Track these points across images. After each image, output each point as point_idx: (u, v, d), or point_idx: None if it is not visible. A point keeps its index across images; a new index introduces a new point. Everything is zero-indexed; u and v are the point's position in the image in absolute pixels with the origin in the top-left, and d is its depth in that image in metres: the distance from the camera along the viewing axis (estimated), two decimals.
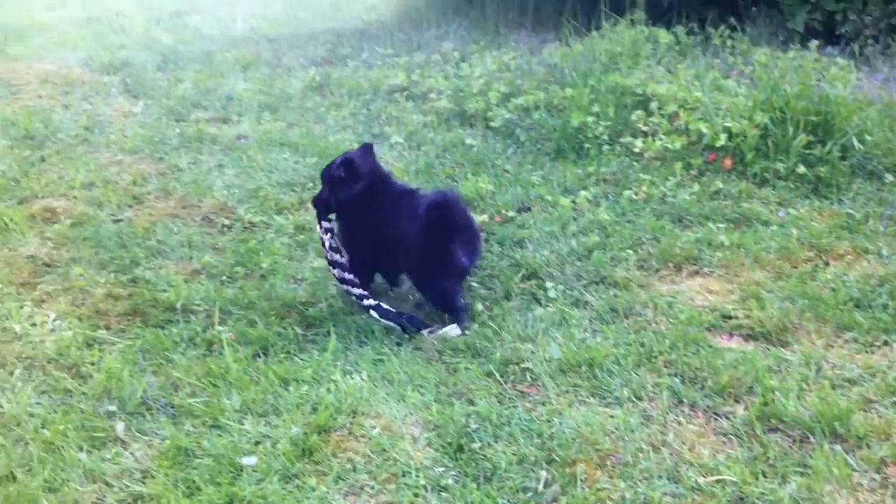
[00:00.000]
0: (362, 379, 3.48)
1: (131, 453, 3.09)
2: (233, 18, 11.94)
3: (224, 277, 4.43)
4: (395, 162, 5.89)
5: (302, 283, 4.37)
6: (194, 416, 3.28)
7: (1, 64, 8.92)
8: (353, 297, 4.09)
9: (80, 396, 3.41)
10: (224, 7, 13.08)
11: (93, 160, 5.99)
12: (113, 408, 3.33)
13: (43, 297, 4.21)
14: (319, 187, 4.30)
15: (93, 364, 3.63)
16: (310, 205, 4.62)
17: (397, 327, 3.92)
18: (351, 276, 4.12)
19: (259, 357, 3.71)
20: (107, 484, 2.93)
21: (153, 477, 2.95)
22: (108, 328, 3.95)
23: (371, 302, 4.03)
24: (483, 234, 4.52)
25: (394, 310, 4.02)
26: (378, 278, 4.32)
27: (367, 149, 4.29)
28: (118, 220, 5.06)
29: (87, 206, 5.20)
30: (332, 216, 4.27)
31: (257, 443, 3.12)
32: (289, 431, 3.15)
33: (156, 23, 11.73)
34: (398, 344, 3.79)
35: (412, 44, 9.31)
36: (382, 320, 3.96)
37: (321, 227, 4.27)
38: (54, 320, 4.00)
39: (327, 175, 4.20)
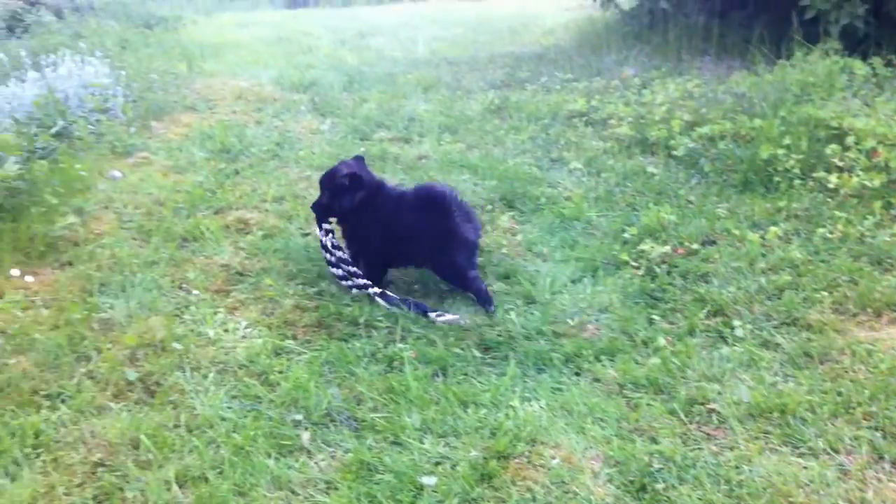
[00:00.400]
0: (541, 407, 3.46)
1: (316, 463, 3.17)
2: (414, 41, 12.23)
3: (404, 295, 4.49)
4: (573, 188, 5.86)
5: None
6: (376, 431, 3.34)
7: (199, 79, 9.45)
8: (360, 288, 4.47)
9: (268, 403, 3.53)
10: (405, 30, 13.43)
11: (283, 175, 6.25)
12: (299, 417, 3.43)
13: (235, 305, 4.40)
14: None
15: (280, 372, 3.75)
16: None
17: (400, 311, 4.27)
18: (355, 269, 4.54)
19: (438, 377, 3.74)
20: (293, 492, 3.02)
21: (337, 489, 3.02)
22: (295, 338, 4.08)
23: (376, 290, 4.42)
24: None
25: (397, 296, 4.39)
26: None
27: (360, 159, 4.85)
28: (306, 234, 5.23)
29: (277, 218, 5.42)
30: (332, 220, 4.75)
31: (437, 463, 3.14)
32: (468, 454, 3.16)
33: (341, 44, 12.16)
34: (577, 374, 3.74)
35: (591, 69, 9.24)
36: (388, 306, 4.32)
37: (321, 230, 4.69)
38: (245, 328, 4.16)
39: (329, 183, 4.67)
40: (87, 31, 11.64)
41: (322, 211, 4.71)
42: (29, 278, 4.54)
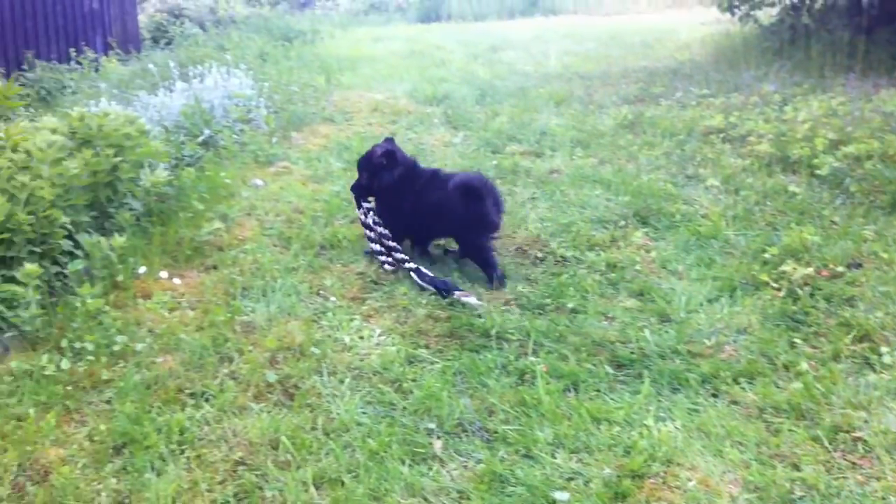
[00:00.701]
0: (676, 427, 3.39)
1: (448, 472, 3.19)
2: (546, 55, 12.23)
3: (535, 309, 4.49)
4: (710, 205, 5.73)
5: (613, 321, 4.33)
6: (508, 444, 3.34)
7: (337, 92, 9.71)
8: (396, 263, 4.91)
9: (401, 410, 3.57)
10: (537, 44, 13.45)
11: None
12: (432, 425, 3.46)
13: (370, 313, 4.48)
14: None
15: (413, 380, 3.79)
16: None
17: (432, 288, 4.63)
18: (394, 244, 4.96)
19: (569, 392, 3.71)
20: (426, 500, 3.04)
21: (469, 499, 3.03)
22: (427, 347, 4.13)
23: (412, 265, 4.79)
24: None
25: (430, 273, 4.73)
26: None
27: (391, 141, 5.21)
28: (438, 245, 5.30)
29: None
30: (371, 199, 5.18)
31: (569, 479, 3.11)
32: (601, 472, 3.12)
33: (473, 58, 12.27)
34: (713, 395, 3.64)
35: (729, 84, 9.05)
36: (420, 282, 4.68)
37: (361, 209, 5.11)
38: (379, 335, 4.23)
39: (367, 164, 5.09)
40: (229, 43, 12.10)
41: (362, 191, 5.16)
42: (176, 280, 4.74)
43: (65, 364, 3.84)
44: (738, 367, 3.81)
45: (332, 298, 4.59)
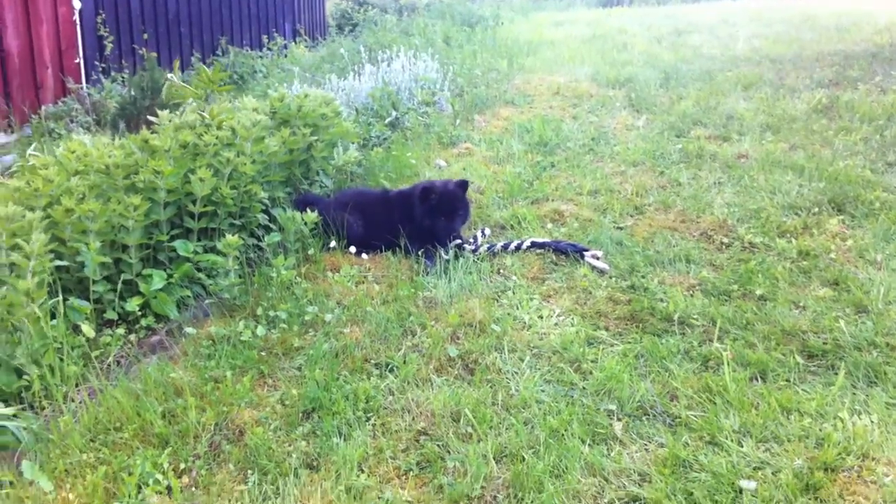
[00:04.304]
0: (872, 421, 3.21)
1: (629, 454, 3.15)
2: (733, 38, 11.81)
3: (720, 294, 4.36)
4: None
5: (804, 310, 4.15)
6: (691, 430, 3.26)
7: (518, 76, 9.74)
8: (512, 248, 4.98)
9: (581, 391, 3.55)
10: (724, 27, 13.01)
11: (598, 169, 6.29)
12: (612, 407, 3.42)
13: (550, 293, 4.48)
14: None
15: (593, 362, 3.77)
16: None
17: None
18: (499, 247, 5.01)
19: (756, 380, 3.59)
20: (605, 479, 3.02)
21: (650, 482, 2.98)
22: (606, 329, 4.09)
23: (526, 242, 4.96)
24: None
25: (548, 240, 4.98)
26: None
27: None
28: (620, 228, 5.24)
29: (591, 211, 5.47)
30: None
31: (756, 468, 3.01)
32: (791, 463, 3.00)
33: (657, 41, 12.01)
34: None
35: None
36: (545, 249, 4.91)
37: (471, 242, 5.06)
38: (559, 315, 4.22)
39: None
40: (414, 29, 12.35)
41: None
42: (364, 255, 4.90)
43: (260, 331, 4.03)
44: None
45: (513, 277, 4.62)
